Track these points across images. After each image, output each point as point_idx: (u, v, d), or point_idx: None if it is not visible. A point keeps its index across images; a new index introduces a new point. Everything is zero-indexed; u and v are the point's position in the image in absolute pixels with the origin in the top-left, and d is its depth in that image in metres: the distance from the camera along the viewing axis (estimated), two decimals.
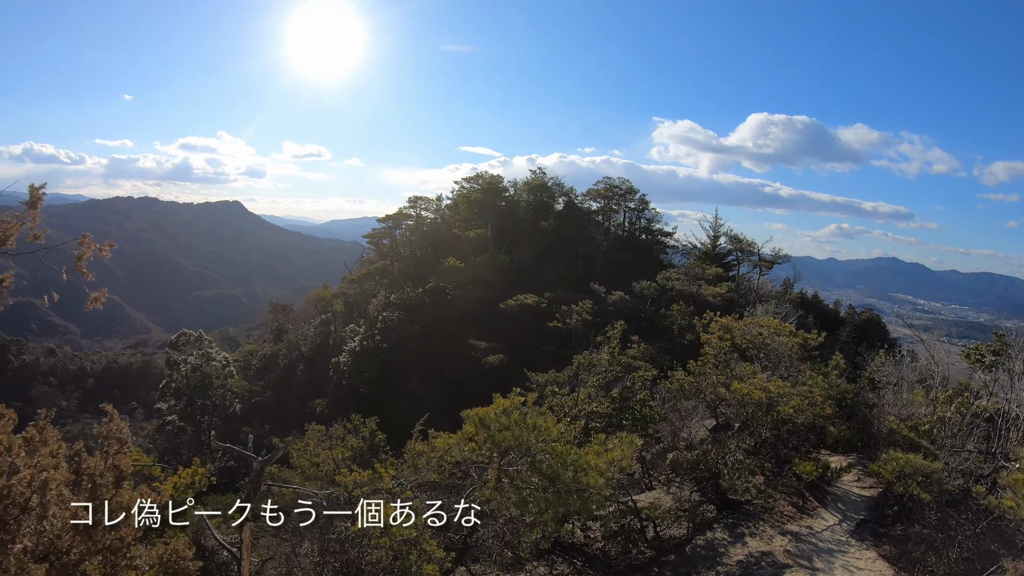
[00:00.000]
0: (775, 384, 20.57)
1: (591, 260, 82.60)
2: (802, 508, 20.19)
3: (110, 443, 10.26)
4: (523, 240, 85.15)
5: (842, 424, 24.21)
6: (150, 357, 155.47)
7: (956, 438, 20.25)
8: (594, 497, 13.41)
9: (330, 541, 13.69)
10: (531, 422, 13.46)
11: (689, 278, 67.43)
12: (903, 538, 17.85)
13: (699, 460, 19.73)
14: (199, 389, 61.96)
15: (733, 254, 77.37)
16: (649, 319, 65.06)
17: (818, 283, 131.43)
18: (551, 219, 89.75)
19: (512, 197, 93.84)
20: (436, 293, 75.20)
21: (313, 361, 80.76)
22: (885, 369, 26.87)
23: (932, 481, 17.75)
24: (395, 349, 71.08)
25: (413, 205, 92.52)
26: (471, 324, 71.86)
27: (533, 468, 13.37)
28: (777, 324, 26.24)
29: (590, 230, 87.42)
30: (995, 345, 24.40)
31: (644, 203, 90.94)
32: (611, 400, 20.66)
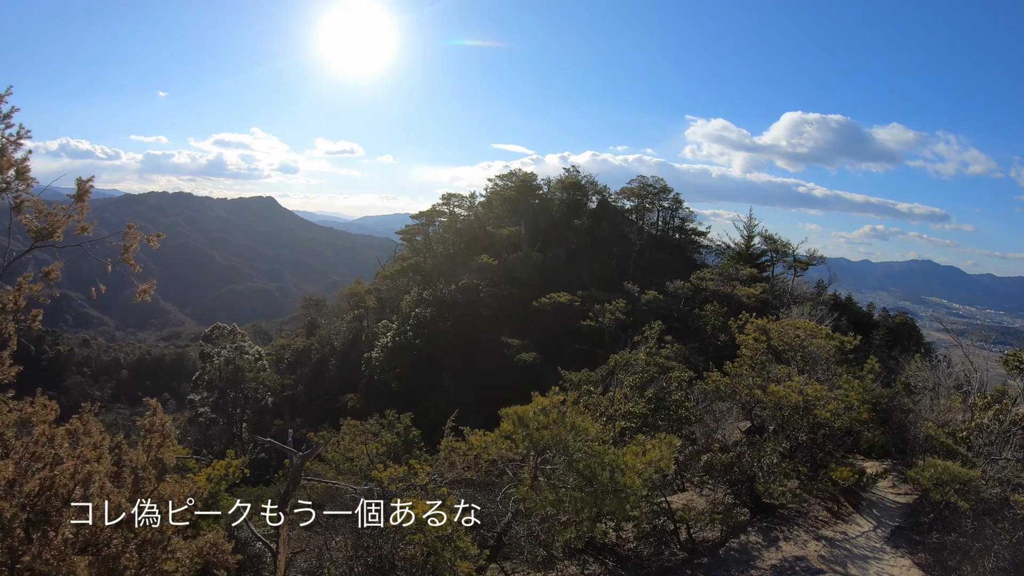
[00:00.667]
0: (812, 387, 20.49)
1: (624, 259, 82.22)
2: (837, 513, 20.10)
3: (153, 436, 10.34)
4: (556, 238, 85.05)
5: (877, 429, 24.29)
6: (183, 350, 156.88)
7: (994, 446, 19.99)
8: (631, 498, 13.35)
9: (363, 536, 13.69)
10: (569, 421, 13.42)
11: (723, 278, 66.94)
12: (939, 546, 17.73)
13: (733, 462, 19.63)
14: (231, 381, 62.36)
15: (767, 255, 76.83)
16: (683, 319, 64.82)
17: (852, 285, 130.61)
18: (584, 217, 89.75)
19: (545, 195, 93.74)
20: (469, 290, 75.16)
21: (345, 356, 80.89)
22: (921, 374, 26.85)
23: (969, 489, 17.54)
24: (427, 345, 71.08)
25: (446, 202, 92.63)
26: (504, 322, 71.73)
27: (570, 467, 13.35)
28: (813, 326, 26.11)
29: (623, 229, 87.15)
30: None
31: (678, 202, 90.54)
32: (647, 400, 20.59)
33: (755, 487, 19.12)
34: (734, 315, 27.73)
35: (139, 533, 9.49)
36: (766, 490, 18.87)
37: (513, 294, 74.88)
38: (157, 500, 9.80)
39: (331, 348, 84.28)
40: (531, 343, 67.05)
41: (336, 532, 14.72)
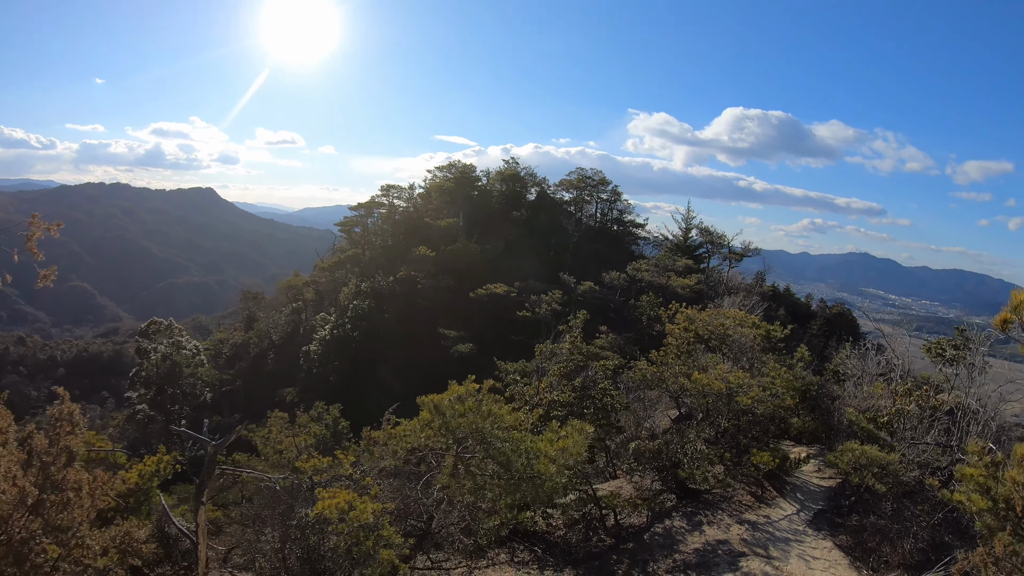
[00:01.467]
0: (735, 375, 20.75)
1: (562, 250, 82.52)
2: (761, 497, 20.39)
3: (61, 424, 10.19)
4: (494, 230, 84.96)
5: (806, 415, 24.79)
6: (121, 346, 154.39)
7: (915, 431, 20.41)
8: (546, 484, 13.40)
9: (291, 528, 13.60)
10: (485, 409, 13.44)
11: (659, 269, 67.35)
12: (859, 528, 18.04)
13: (660, 450, 19.79)
14: (169, 378, 61.58)
15: (704, 247, 77.60)
16: (619, 310, 65.44)
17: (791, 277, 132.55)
18: (523, 209, 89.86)
19: (485, 186, 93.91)
20: (407, 282, 74.96)
21: (283, 349, 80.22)
22: (850, 362, 27.36)
23: (888, 472, 17.90)
24: (366, 338, 70.82)
25: (385, 193, 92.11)
26: (442, 313, 71.72)
27: (488, 455, 13.37)
28: (741, 316, 26.41)
29: (562, 220, 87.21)
30: (956, 340, 24.70)
31: (616, 194, 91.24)
32: (572, 389, 20.66)
33: (679, 473, 19.25)
34: (669, 306, 27.91)
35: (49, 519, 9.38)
36: (690, 476, 19.05)
37: (451, 285, 74.75)
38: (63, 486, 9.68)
39: (269, 342, 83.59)
40: (468, 334, 67.22)
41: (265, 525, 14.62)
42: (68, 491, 9.72)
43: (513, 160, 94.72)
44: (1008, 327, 8.38)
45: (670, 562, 16.70)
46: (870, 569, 16.29)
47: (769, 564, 16.22)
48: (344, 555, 12.51)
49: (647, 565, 16.68)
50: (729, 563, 16.31)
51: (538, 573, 16.63)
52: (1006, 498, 10.57)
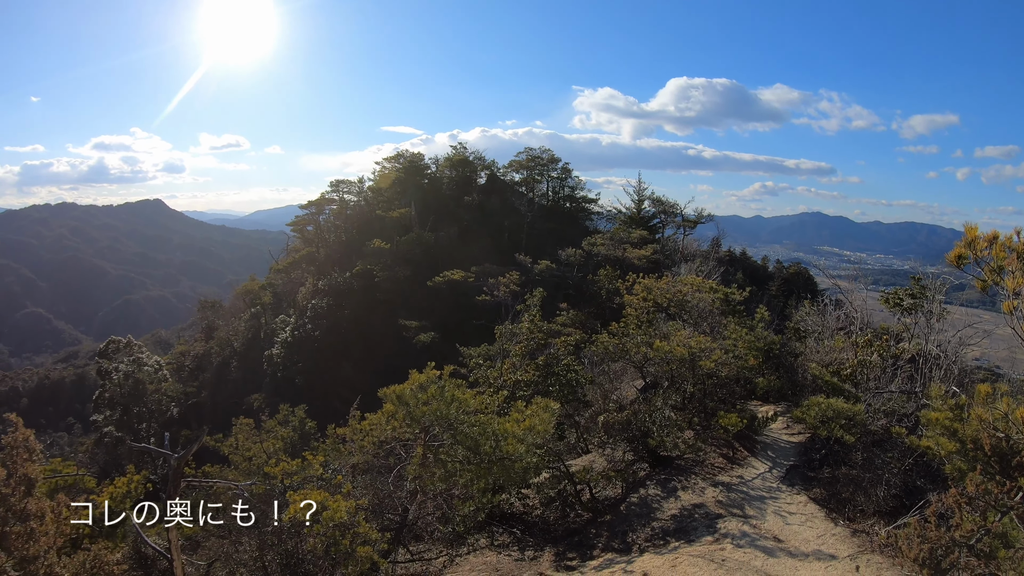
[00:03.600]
0: (696, 340, 20.79)
1: (517, 231, 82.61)
2: (732, 459, 20.43)
3: (17, 453, 9.94)
4: (447, 216, 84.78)
5: (771, 374, 24.78)
6: (82, 370, 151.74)
7: (878, 380, 20.63)
8: (516, 465, 13.32)
9: (267, 534, 13.40)
10: (448, 395, 13.30)
11: (614, 242, 67.44)
12: (832, 480, 18.18)
13: (629, 420, 19.73)
14: (133, 396, 60.59)
15: (658, 217, 78.00)
16: (577, 286, 65.49)
17: (746, 240, 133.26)
18: (474, 193, 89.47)
19: (434, 174, 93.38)
20: (364, 276, 74.42)
21: (246, 356, 79.54)
22: (810, 319, 27.78)
23: (855, 423, 18.04)
24: (327, 336, 70.49)
25: (335, 189, 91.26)
26: (401, 304, 71.57)
27: (456, 441, 13.25)
28: (699, 281, 26.59)
29: (514, 202, 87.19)
30: (913, 289, 24.88)
31: (567, 171, 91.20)
32: (536, 368, 20.59)
33: (649, 442, 19.23)
34: (627, 277, 27.93)
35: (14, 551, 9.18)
36: (660, 443, 19.05)
37: (408, 276, 74.60)
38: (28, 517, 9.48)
39: (231, 349, 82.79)
40: (430, 323, 67.13)
41: (242, 534, 14.41)
42: (31, 521, 9.51)
43: (461, 145, 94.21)
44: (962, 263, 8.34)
45: (648, 530, 16.67)
46: (846, 519, 16.38)
47: (746, 523, 16.24)
48: (323, 556, 12.35)
49: (626, 535, 16.64)
50: (707, 526, 16.30)
51: (519, 554, 16.51)
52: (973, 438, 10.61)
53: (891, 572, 13.21)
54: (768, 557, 14.38)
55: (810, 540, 15.32)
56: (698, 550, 14.91)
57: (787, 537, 15.51)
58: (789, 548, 14.90)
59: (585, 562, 15.68)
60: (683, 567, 14.00)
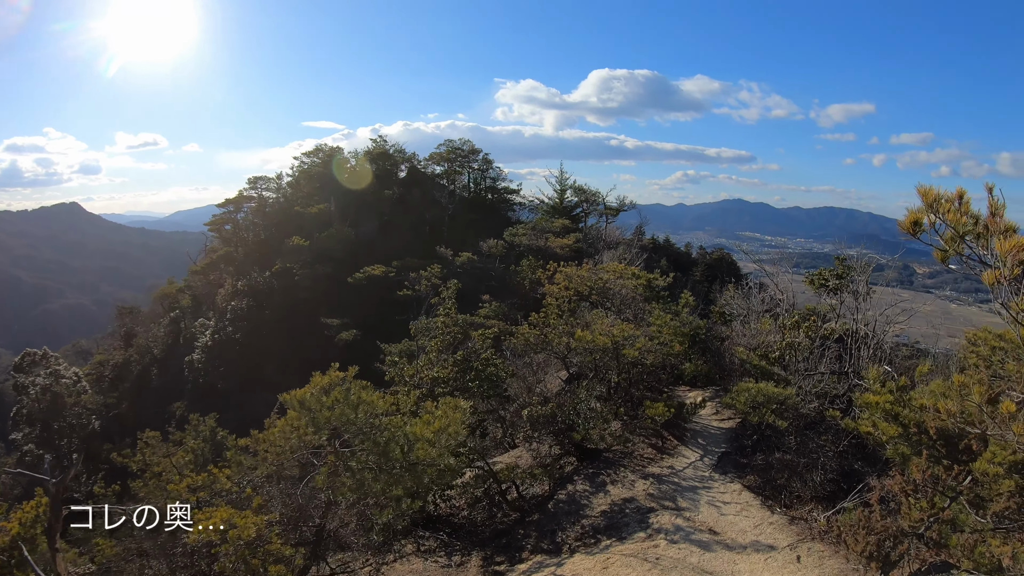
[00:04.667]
0: (619, 328, 20.25)
1: (438, 224, 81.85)
2: (662, 449, 19.85)
3: None
4: (368, 211, 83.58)
5: (697, 359, 24.83)
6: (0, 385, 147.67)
7: (807, 361, 20.19)
8: (428, 470, 12.49)
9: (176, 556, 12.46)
10: (354, 398, 12.43)
11: (536, 232, 67.11)
12: (765, 467, 17.63)
13: (554, 413, 19.05)
14: (52, 411, 58.52)
15: (580, 206, 77.67)
16: (500, 277, 64.77)
17: (669, 228, 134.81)
18: (395, 187, 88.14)
19: (354, 168, 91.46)
20: (284, 275, 72.99)
21: (167, 363, 76.95)
22: (734, 302, 27.61)
23: (787, 408, 17.60)
24: (249, 339, 68.99)
25: (253, 186, 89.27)
26: (323, 302, 70.25)
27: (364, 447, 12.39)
28: (621, 268, 26.32)
29: (435, 194, 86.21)
30: (838, 269, 24.78)
31: (488, 162, 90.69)
32: (454, 363, 19.74)
33: (573, 436, 18.59)
34: (547, 266, 27.51)
35: None
36: (585, 436, 18.45)
37: (328, 273, 73.29)
38: None
39: (151, 357, 80.00)
40: (352, 320, 66.09)
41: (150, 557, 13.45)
42: None
43: (381, 139, 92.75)
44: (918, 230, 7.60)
45: (578, 528, 16.01)
46: (782, 506, 15.87)
47: (680, 516, 15.62)
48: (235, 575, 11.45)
49: (555, 535, 15.96)
50: (639, 521, 15.66)
51: (446, 560, 15.81)
52: (917, 423, 10.01)
53: (833, 561, 12.65)
54: (704, 552, 13.78)
55: (747, 531, 14.73)
56: (631, 548, 14.27)
57: (723, 529, 14.92)
58: (726, 541, 14.30)
59: (514, 566, 15.04)
60: (615, 568, 13.35)
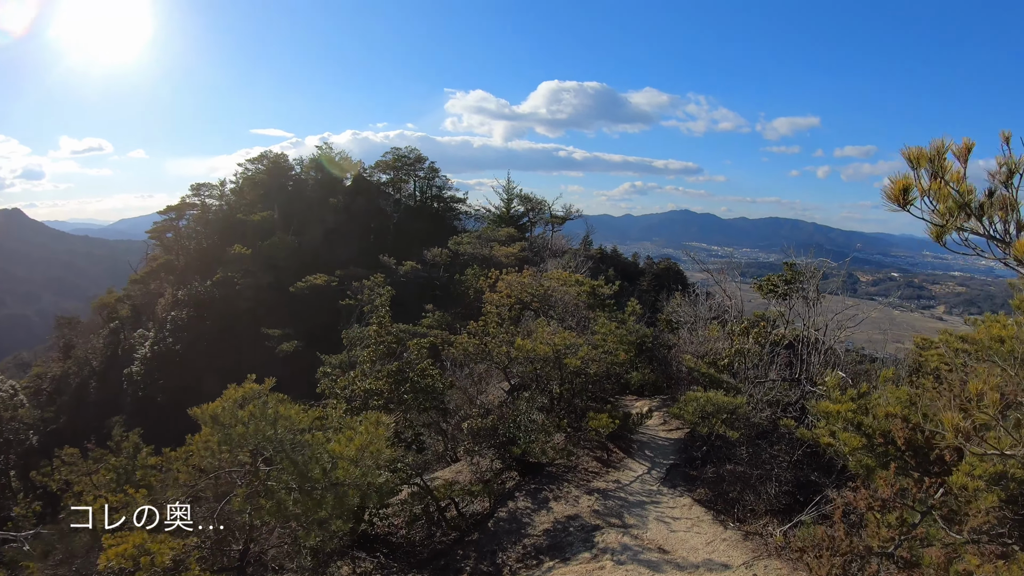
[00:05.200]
0: (561, 336, 19.54)
1: (383, 233, 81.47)
2: (607, 462, 19.02)
3: None
4: (312, 219, 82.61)
5: (645, 368, 24.50)
6: None
7: (758, 368, 19.53)
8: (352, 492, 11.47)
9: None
10: (271, 412, 11.41)
11: (481, 241, 66.95)
12: (716, 479, 16.88)
13: (495, 426, 18.17)
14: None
15: (527, 216, 77.67)
16: (444, 286, 64.51)
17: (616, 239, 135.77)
18: (340, 195, 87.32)
19: (299, 176, 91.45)
20: (225, 284, 71.57)
21: (106, 375, 74.96)
22: (682, 309, 27.13)
23: (738, 417, 16.83)
24: (189, 350, 67.38)
25: (196, 192, 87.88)
26: (265, 312, 68.98)
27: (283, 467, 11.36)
28: (565, 275, 26.09)
29: (380, 203, 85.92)
30: (787, 275, 24.61)
31: (434, 171, 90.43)
32: (387, 374, 18.78)
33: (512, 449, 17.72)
34: (489, 274, 27.56)
35: None
36: (526, 450, 17.54)
37: (271, 282, 72.11)
38: None
39: (90, 369, 77.76)
40: (294, 331, 64.97)
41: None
42: None
43: (327, 146, 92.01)
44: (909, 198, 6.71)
45: (520, 549, 15.09)
46: (736, 521, 15.05)
47: (627, 534, 14.77)
48: None
49: (495, 556, 15.02)
50: (583, 540, 14.78)
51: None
52: (883, 432, 9.22)
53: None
54: (654, 573, 12.93)
55: (699, 548, 13.90)
56: (575, 570, 13.41)
57: (673, 547, 14.08)
58: (676, 560, 13.46)
59: None
60: None
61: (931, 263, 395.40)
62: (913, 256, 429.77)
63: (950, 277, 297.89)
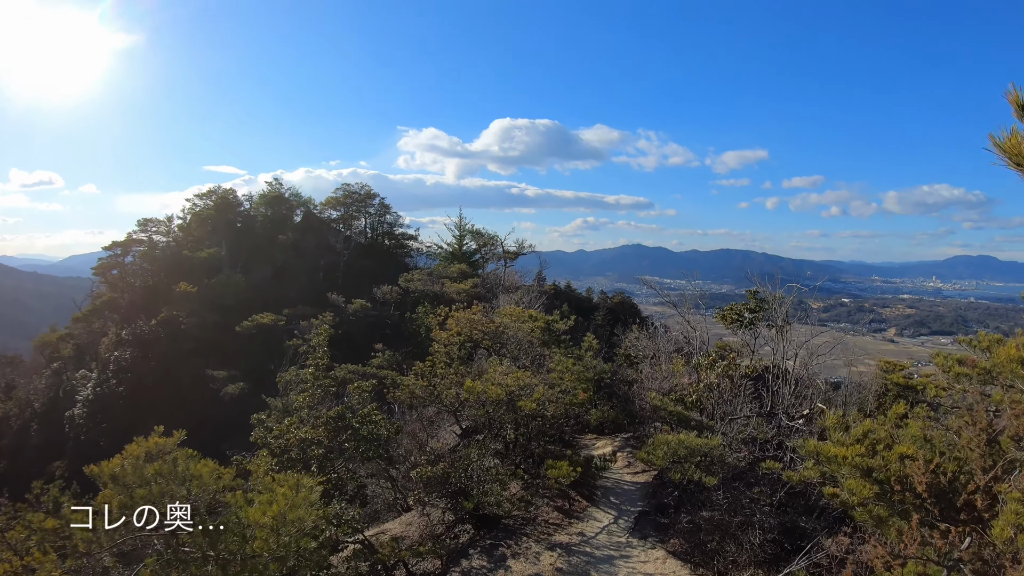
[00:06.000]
0: (514, 376, 18.05)
1: (333, 271, 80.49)
2: (570, 512, 17.38)
3: None
4: (261, 257, 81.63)
5: (604, 405, 23.27)
6: None
7: (730, 404, 18.23)
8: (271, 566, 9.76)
9: None
10: (181, 471, 9.82)
11: (433, 278, 66.32)
12: (692, 528, 15.36)
13: (446, 474, 16.58)
14: None
15: (479, 252, 77.01)
16: (395, 325, 63.71)
17: (570, 274, 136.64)
18: (289, 232, 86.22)
19: (248, 212, 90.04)
20: (170, 323, 69.64)
21: (48, 417, 72.21)
22: (640, 343, 26.40)
23: (713, 460, 15.28)
24: (133, 392, 64.93)
25: (144, 228, 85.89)
26: (210, 353, 67.27)
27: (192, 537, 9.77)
28: (518, 311, 25.27)
29: (330, 240, 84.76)
30: (751, 303, 23.57)
31: (385, 207, 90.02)
32: (325, 422, 17.14)
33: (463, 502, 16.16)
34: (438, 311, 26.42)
35: None
36: (479, 502, 15.91)
37: (217, 322, 70.22)
38: None
39: (31, 411, 75.00)
40: (240, 372, 63.27)
41: None
42: None
43: (276, 182, 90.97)
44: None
45: None
46: (717, 574, 13.62)
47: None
48: None
49: None
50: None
51: None
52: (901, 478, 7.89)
53: None
54: None
55: None
56: None
57: None
58: None
59: None
60: None
61: (880, 287, 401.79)
62: (862, 281, 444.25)
63: (899, 300, 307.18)
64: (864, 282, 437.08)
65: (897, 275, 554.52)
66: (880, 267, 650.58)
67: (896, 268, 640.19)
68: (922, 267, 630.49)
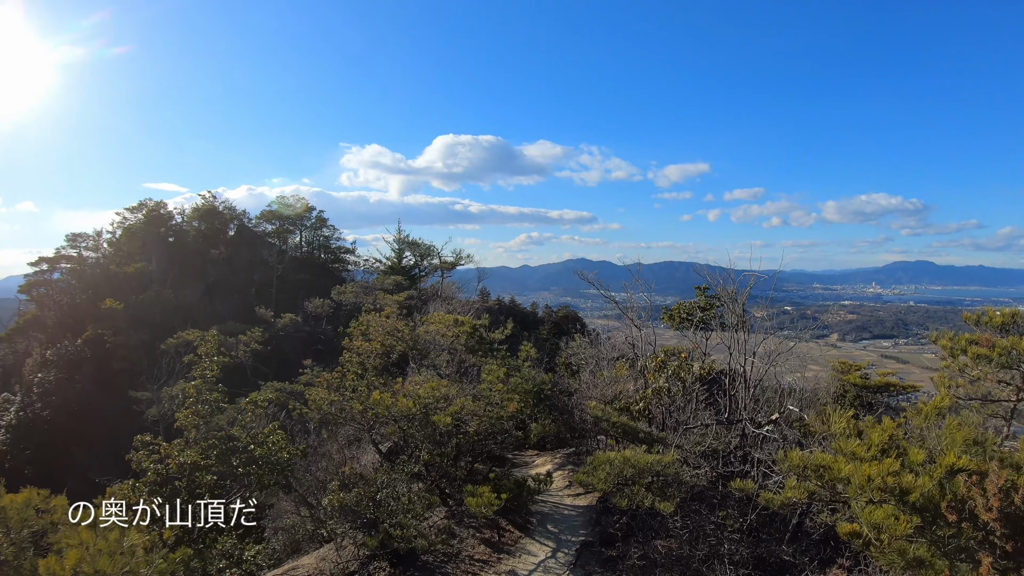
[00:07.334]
0: (429, 387, 15.67)
1: (266, 286, 78.76)
2: (499, 545, 14.55)
3: None
4: (192, 272, 79.34)
5: (544, 418, 21.51)
6: None
7: (683, 411, 15.93)
8: None
9: None
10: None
11: (367, 291, 64.51)
12: (646, 564, 12.61)
13: (360, 500, 13.95)
14: None
15: (418, 266, 76.21)
16: (328, 340, 61.73)
17: (515, 289, 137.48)
18: (222, 246, 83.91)
19: (180, 226, 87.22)
20: (96, 342, 66.46)
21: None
22: (582, 351, 25.36)
23: (668, 480, 12.44)
24: (58, 416, 61.46)
25: (73, 244, 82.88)
26: (138, 374, 63.69)
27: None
28: (448, 318, 23.51)
29: (263, 254, 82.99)
30: (700, 301, 22.08)
31: (322, 221, 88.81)
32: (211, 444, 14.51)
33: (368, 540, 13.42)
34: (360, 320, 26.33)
35: None
36: (389, 536, 13.12)
37: (145, 340, 67.35)
38: None
39: None
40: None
41: None
42: None
43: (210, 195, 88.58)
44: None
45: None
46: None
47: None
48: None
49: None
50: None
51: None
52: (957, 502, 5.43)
53: None
54: None
55: None
56: None
57: None
58: None
59: None
60: None
61: (821, 295, 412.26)
62: (804, 290, 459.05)
63: (841, 306, 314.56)
64: (806, 290, 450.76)
65: (838, 282, 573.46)
66: (821, 275, 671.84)
67: (837, 275, 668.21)
68: (862, 274, 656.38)
